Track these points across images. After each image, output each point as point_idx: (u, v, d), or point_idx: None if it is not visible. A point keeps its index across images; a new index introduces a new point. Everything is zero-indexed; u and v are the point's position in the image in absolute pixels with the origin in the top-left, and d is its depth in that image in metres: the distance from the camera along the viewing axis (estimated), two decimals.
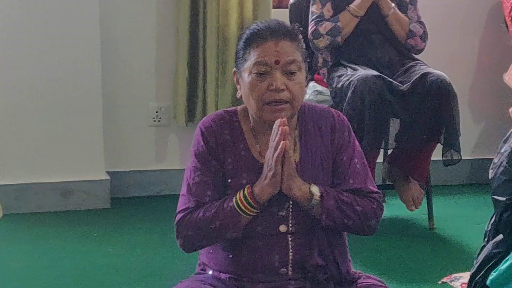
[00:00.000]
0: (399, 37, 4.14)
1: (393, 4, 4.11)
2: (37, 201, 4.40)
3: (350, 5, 4.07)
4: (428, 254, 3.82)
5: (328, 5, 4.12)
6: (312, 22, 4.12)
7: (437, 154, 4.04)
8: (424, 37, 4.17)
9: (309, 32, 4.10)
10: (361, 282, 2.42)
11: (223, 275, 2.39)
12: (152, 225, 4.17)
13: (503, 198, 2.77)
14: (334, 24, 4.07)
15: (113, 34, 4.53)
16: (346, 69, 4.01)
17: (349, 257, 2.50)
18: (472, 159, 4.88)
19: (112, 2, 4.50)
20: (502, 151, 2.86)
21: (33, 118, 4.38)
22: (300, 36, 2.42)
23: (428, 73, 3.89)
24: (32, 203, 4.39)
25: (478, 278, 2.91)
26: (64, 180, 4.42)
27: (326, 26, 4.08)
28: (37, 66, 4.33)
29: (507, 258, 2.69)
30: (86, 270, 3.58)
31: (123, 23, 4.57)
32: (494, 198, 2.83)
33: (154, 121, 4.69)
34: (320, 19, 4.11)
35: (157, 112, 4.68)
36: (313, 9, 4.15)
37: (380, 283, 2.43)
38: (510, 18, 4.59)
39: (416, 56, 4.18)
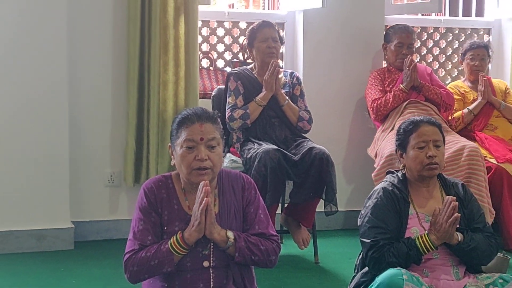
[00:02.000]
0: (291, 121, 4.20)
1: (287, 97, 4.18)
2: (17, 244, 4.27)
3: (256, 97, 4.13)
4: (314, 282, 3.82)
5: (240, 97, 4.17)
6: (228, 109, 4.15)
7: (320, 207, 4.06)
8: (310, 121, 4.24)
9: (226, 116, 4.12)
10: None
11: None
12: (106, 262, 4.09)
13: (368, 240, 2.82)
14: (244, 111, 4.11)
15: (78, 117, 4.48)
16: (254, 144, 4.04)
17: (255, 285, 2.51)
18: (345, 211, 4.92)
19: (78, 94, 4.46)
20: (367, 205, 2.92)
21: (17, 182, 4.29)
22: (219, 120, 2.46)
23: (313, 147, 3.95)
24: (13, 246, 4.26)
25: None
26: (39, 228, 4.31)
27: (238, 113, 4.11)
28: (17, 147, 4.27)
29: (371, 284, 2.73)
30: None
31: (87, 109, 4.53)
32: (361, 240, 2.87)
33: (109, 182, 4.62)
34: (234, 107, 4.14)
35: (111, 176, 4.61)
36: (229, 100, 4.18)
37: None
38: (371, 109, 4.71)
39: (304, 135, 4.24)
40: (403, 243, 2.77)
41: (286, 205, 4.24)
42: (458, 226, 2.79)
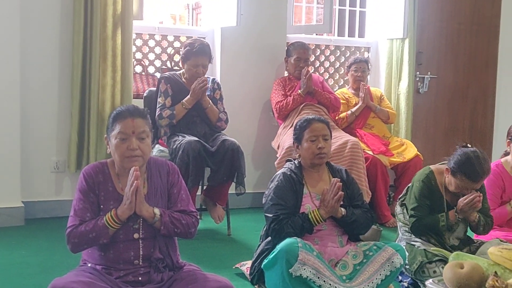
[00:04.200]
0: (212, 121, 4.16)
1: (210, 101, 4.14)
2: None
3: (183, 100, 4.06)
4: (227, 250, 3.83)
5: (169, 99, 4.11)
6: (158, 108, 4.08)
7: (232, 189, 4.07)
8: (226, 121, 4.22)
9: (156, 114, 4.06)
10: (186, 268, 2.41)
11: (98, 267, 2.33)
12: (52, 236, 3.95)
13: (271, 215, 2.85)
14: (171, 112, 4.05)
15: (29, 114, 4.31)
16: (178, 136, 3.99)
17: (178, 253, 2.49)
18: (253, 192, 4.96)
19: (29, 94, 4.29)
20: (270, 186, 2.95)
21: None
22: (148, 116, 2.41)
23: (227, 139, 3.95)
24: None
25: (256, 264, 2.96)
26: None
27: (167, 112, 4.05)
28: None
29: (273, 251, 2.75)
30: (7, 265, 3.36)
31: (36, 107, 4.36)
32: (265, 215, 2.90)
33: (55, 169, 4.46)
34: (163, 107, 4.08)
35: (56, 163, 4.46)
36: (159, 100, 4.12)
37: (198, 269, 2.43)
38: (275, 109, 4.74)
39: (222, 131, 4.22)
40: (298, 217, 2.82)
41: (205, 187, 4.22)
42: (342, 203, 2.86)
